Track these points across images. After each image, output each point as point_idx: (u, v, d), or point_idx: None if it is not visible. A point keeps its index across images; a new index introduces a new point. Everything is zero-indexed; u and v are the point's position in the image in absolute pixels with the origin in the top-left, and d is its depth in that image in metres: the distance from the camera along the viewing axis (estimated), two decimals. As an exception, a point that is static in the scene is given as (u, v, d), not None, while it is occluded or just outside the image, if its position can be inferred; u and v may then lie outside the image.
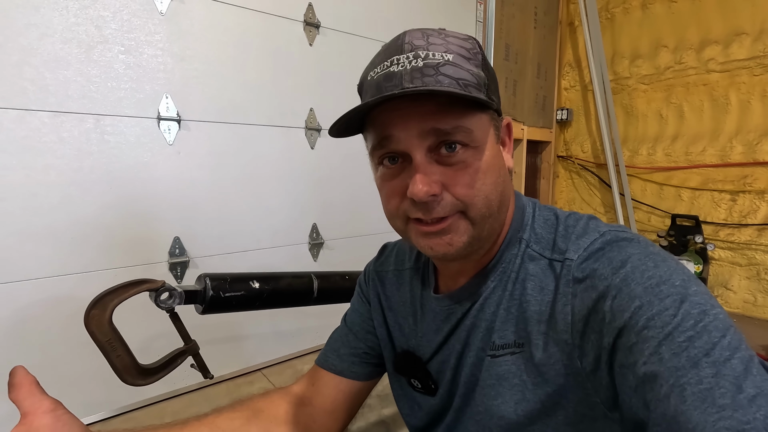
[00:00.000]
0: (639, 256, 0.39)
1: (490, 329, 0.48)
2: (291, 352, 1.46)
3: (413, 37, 0.43)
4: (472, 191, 0.42)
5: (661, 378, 0.32)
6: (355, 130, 0.47)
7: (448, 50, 0.41)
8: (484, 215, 0.44)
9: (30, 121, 0.96)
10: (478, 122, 0.43)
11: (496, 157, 0.45)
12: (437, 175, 0.42)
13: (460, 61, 0.41)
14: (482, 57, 0.44)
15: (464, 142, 0.42)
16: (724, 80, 1.98)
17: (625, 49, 2.28)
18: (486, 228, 0.45)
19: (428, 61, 0.41)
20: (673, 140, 2.15)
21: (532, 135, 2.36)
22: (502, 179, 0.45)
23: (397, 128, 0.42)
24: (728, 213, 2.00)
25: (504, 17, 2.10)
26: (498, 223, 0.47)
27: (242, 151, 1.29)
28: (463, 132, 0.41)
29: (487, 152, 0.43)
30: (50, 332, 1.01)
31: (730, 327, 0.34)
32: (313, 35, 1.41)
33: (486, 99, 0.42)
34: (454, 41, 0.43)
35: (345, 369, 0.61)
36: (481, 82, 0.42)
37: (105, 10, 1.04)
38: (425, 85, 0.39)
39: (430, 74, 0.40)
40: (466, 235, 0.44)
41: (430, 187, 0.41)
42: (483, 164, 0.43)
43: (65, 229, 1.02)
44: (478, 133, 0.42)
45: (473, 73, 0.42)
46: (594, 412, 0.42)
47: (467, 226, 0.44)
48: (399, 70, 0.41)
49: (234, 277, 0.69)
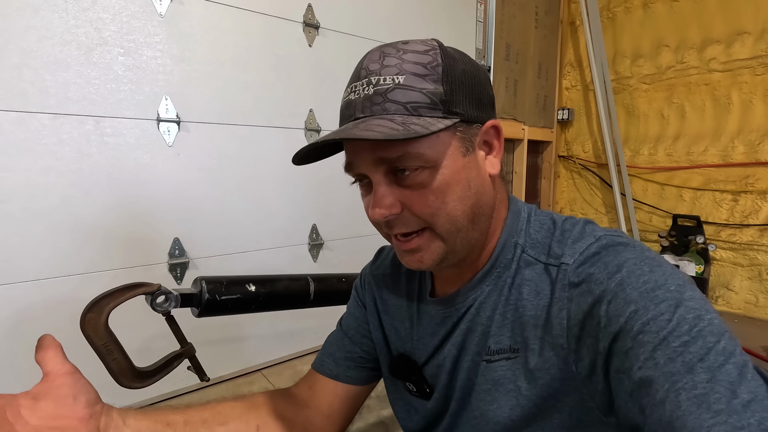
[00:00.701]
0: (634, 260, 0.39)
1: (485, 334, 0.48)
2: (291, 353, 1.46)
3: (371, 60, 0.44)
4: (429, 210, 0.44)
5: (657, 383, 0.32)
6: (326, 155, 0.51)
7: (400, 71, 0.42)
8: (450, 230, 0.45)
9: (30, 123, 0.97)
10: (430, 143, 0.42)
11: (462, 171, 0.44)
12: (394, 196, 0.44)
13: (412, 81, 0.42)
14: (443, 68, 0.43)
15: (414, 166, 0.43)
16: (726, 80, 1.97)
17: (626, 49, 2.27)
18: (458, 242, 0.46)
19: (378, 87, 0.42)
20: (675, 140, 2.14)
21: (533, 135, 2.35)
22: (474, 191, 0.45)
23: (356, 156, 0.45)
24: (730, 213, 2.00)
25: (504, 17, 2.10)
26: (476, 232, 0.47)
27: (242, 152, 1.29)
28: (411, 158, 0.42)
29: (444, 170, 0.43)
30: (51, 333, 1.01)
31: (725, 332, 0.34)
32: (313, 36, 1.41)
33: (423, 129, 0.40)
34: (411, 57, 0.43)
35: (341, 373, 0.61)
36: (437, 99, 0.42)
37: (104, 12, 1.04)
38: (373, 114, 0.42)
39: (378, 102, 0.42)
40: (436, 253, 0.46)
41: (385, 209, 0.44)
42: (439, 183, 0.43)
43: (65, 230, 1.03)
44: (430, 155, 0.42)
45: (427, 92, 0.42)
46: (589, 417, 0.42)
47: (437, 242, 0.45)
48: (354, 99, 0.44)
49: (230, 280, 0.69)
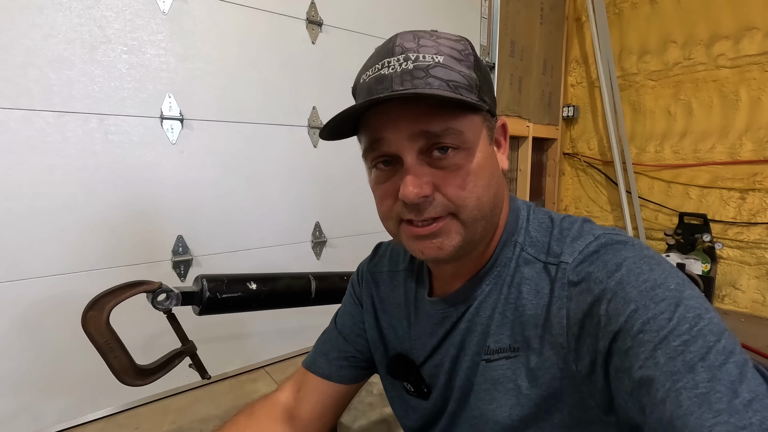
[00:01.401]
0: (634, 259, 0.39)
1: (485, 333, 0.48)
2: (294, 350, 1.47)
3: (404, 39, 0.42)
4: (463, 193, 0.42)
5: (657, 382, 0.32)
6: (348, 133, 0.47)
7: (438, 52, 0.41)
8: (475, 217, 0.43)
9: (35, 122, 0.97)
10: (469, 124, 0.42)
11: (489, 158, 0.44)
12: (428, 177, 0.42)
13: (451, 63, 0.41)
14: (474, 58, 0.43)
15: (455, 144, 0.41)
16: (734, 76, 1.94)
17: (632, 45, 2.25)
18: (478, 230, 0.44)
19: (418, 63, 0.40)
20: (682, 137, 2.12)
21: (537, 132, 2.34)
22: (495, 181, 0.45)
23: (388, 131, 0.42)
24: (737, 211, 1.97)
25: (509, 13, 2.08)
26: (491, 225, 0.46)
27: (245, 149, 1.29)
28: (454, 134, 0.41)
29: (479, 154, 0.43)
30: (57, 329, 1.02)
31: (725, 331, 0.34)
32: (316, 33, 1.41)
33: (476, 100, 0.41)
34: (446, 43, 0.42)
35: (333, 373, 0.61)
36: (473, 84, 0.42)
37: (108, 10, 1.04)
38: (415, 87, 0.39)
39: (420, 76, 0.40)
40: (458, 238, 0.43)
41: (420, 188, 0.41)
42: (475, 166, 0.42)
43: (70, 228, 1.03)
44: (469, 135, 0.42)
45: (464, 75, 0.41)
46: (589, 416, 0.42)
47: (459, 229, 0.43)
48: (389, 73, 0.41)
49: (231, 278, 0.69)
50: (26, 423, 1.03)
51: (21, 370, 1.01)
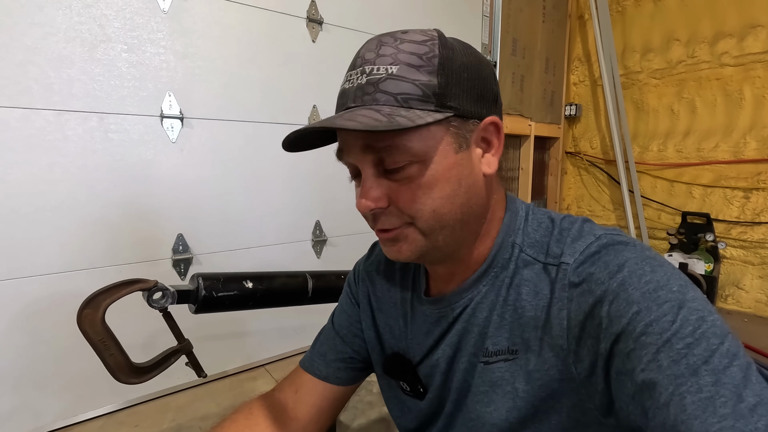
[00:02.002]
0: (636, 260, 0.39)
1: (482, 335, 0.47)
2: (294, 348, 1.47)
3: (367, 49, 0.43)
4: (415, 206, 0.42)
5: (660, 386, 0.32)
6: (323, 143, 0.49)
7: (394, 61, 0.41)
8: (433, 227, 0.43)
9: (35, 120, 0.98)
10: (420, 137, 0.41)
11: (454, 168, 0.43)
12: (383, 189, 0.43)
13: (406, 72, 0.40)
14: (440, 60, 0.41)
15: (401, 161, 0.41)
16: (738, 74, 1.93)
17: (636, 43, 2.23)
18: (440, 239, 0.44)
19: (371, 77, 0.41)
20: (685, 136, 2.11)
21: (539, 131, 2.33)
22: (464, 190, 0.44)
23: (347, 143, 0.44)
24: (741, 211, 1.96)
25: (511, 11, 2.07)
26: (464, 232, 0.46)
27: (245, 148, 1.30)
28: (397, 150, 0.41)
29: (435, 165, 0.42)
30: (58, 327, 1.03)
31: (728, 334, 0.33)
32: (316, 32, 1.41)
33: (408, 122, 0.39)
34: (407, 48, 0.41)
35: (330, 375, 0.61)
36: (429, 92, 0.40)
37: (108, 9, 1.04)
38: (364, 103, 0.41)
39: (369, 92, 0.41)
40: (416, 245, 0.44)
41: (372, 202, 0.43)
42: (428, 178, 0.42)
43: (70, 226, 1.04)
44: (419, 148, 0.41)
45: (419, 84, 0.40)
46: (587, 418, 0.41)
47: (416, 236, 0.44)
48: (348, 88, 0.43)
49: (227, 276, 0.69)
50: (27, 420, 1.03)
51: (22, 368, 1.01)
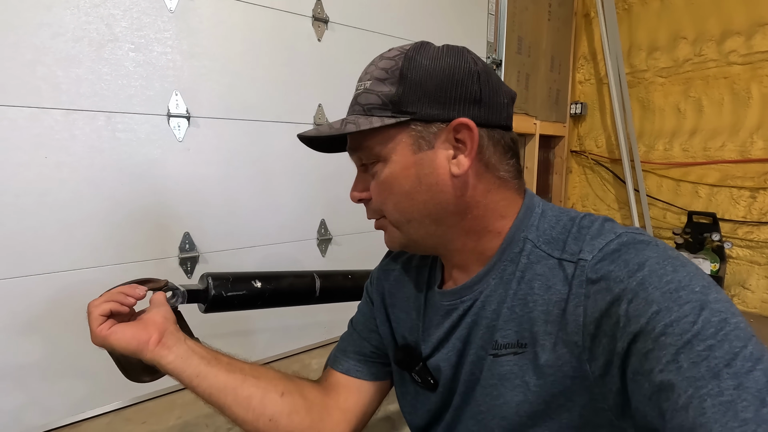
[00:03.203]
0: (657, 259, 0.38)
1: (492, 328, 0.48)
2: (299, 347, 1.48)
3: (369, 64, 0.51)
4: (379, 200, 0.51)
5: (679, 388, 0.31)
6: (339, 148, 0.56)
7: (370, 77, 0.48)
8: (399, 221, 0.50)
9: (43, 119, 0.98)
10: (380, 139, 0.48)
11: (412, 167, 0.48)
12: (366, 183, 0.52)
13: (374, 86, 0.48)
14: (400, 72, 0.46)
15: (368, 158, 0.50)
16: (745, 73, 1.91)
17: (642, 41, 2.22)
18: (412, 232, 0.50)
19: (357, 91, 0.50)
20: (691, 135, 2.09)
21: (544, 130, 2.32)
22: (425, 188, 0.48)
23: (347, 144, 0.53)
24: (747, 210, 1.95)
25: (516, 9, 2.06)
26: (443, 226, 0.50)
27: (251, 147, 1.30)
28: (363, 151, 0.50)
29: (392, 165, 0.48)
30: (65, 325, 1.04)
31: (752, 337, 0.32)
32: (322, 30, 1.41)
33: (353, 127, 0.47)
34: (382, 64, 0.48)
35: (351, 368, 0.62)
36: (387, 101, 0.47)
37: (115, 8, 1.05)
38: (353, 112, 0.50)
39: (353, 104, 0.50)
40: (395, 235, 0.52)
41: (357, 192, 0.53)
42: (387, 176, 0.49)
43: (78, 224, 1.04)
44: (379, 149, 0.48)
45: (381, 94, 0.47)
46: (599, 419, 0.41)
47: (392, 228, 0.52)
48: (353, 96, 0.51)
49: (236, 276, 0.70)
50: (36, 416, 1.04)
51: (30, 365, 1.02)
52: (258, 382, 0.57)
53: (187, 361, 0.53)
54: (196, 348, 0.55)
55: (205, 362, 0.54)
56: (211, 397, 0.54)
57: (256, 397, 0.55)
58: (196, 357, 0.54)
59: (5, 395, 1.00)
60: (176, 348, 0.53)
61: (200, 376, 0.53)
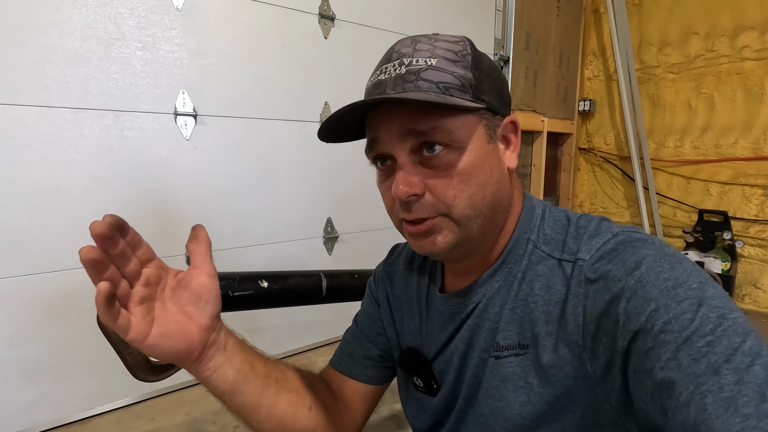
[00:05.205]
0: (654, 257, 0.38)
1: (494, 330, 0.47)
2: (306, 344, 1.48)
3: (402, 45, 0.45)
4: (452, 192, 0.43)
5: (680, 384, 0.31)
6: (353, 136, 0.50)
7: (433, 55, 0.43)
8: (468, 216, 0.44)
9: (52, 118, 0.99)
10: (460, 123, 0.43)
11: (487, 157, 0.44)
12: (419, 176, 0.43)
13: (444, 65, 0.43)
14: (473, 58, 0.44)
15: (443, 143, 0.42)
16: (759, 69, 1.88)
17: (652, 37, 2.19)
18: (474, 229, 0.45)
19: (411, 67, 0.43)
20: (703, 132, 2.06)
21: (552, 127, 2.30)
22: (495, 179, 0.45)
23: (382, 131, 0.44)
24: (760, 209, 1.92)
25: (524, 5, 2.04)
26: (492, 223, 0.46)
27: (257, 145, 1.30)
28: (441, 132, 0.42)
29: (471, 153, 0.43)
30: (76, 322, 1.05)
31: (751, 331, 0.32)
32: (328, 28, 1.40)
33: (470, 100, 0.42)
34: (443, 45, 0.44)
35: (359, 373, 0.62)
36: (467, 84, 0.43)
37: (123, 7, 1.05)
38: (405, 90, 0.42)
39: (411, 80, 0.42)
40: (451, 236, 0.44)
41: (409, 187, 0.42)
42: (466, 165, 0.43)
43: (87, 222, 1.04)
44: (459, 134, 0.43)
45: (457, 75, 0.43)
46: (602, 418, 0.41)
47: (452, 227, 0.44)
48: (385, 78, 0.44)
49: (243, 276, 0.70)
50: (47, 411, 1.06)
51: (42, 361, 1.04)
52: (290, 397, 0.54)
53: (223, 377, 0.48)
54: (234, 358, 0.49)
55: (242, 377, 0.50)
56: (240, 411, 0.51)
57: (288, 415, 0.54)
58: (233, 371, 0.49)
59: (18, 391, 1.01)
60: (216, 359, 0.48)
61: (234, 392, 0.49)
